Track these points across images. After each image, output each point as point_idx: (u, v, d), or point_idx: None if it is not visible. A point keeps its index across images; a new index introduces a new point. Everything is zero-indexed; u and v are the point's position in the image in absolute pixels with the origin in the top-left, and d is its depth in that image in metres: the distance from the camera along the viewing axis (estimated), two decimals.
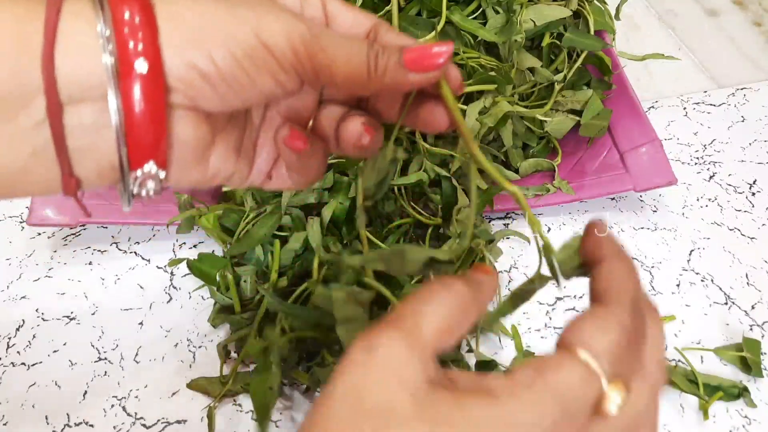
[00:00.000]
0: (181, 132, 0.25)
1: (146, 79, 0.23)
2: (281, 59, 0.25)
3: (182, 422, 0.46)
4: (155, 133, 0.24)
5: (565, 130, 0.57)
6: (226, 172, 0.28)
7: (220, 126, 0.27)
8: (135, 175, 0.24)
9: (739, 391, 0.48)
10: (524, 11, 0.53)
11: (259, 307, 0.47)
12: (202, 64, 0.24)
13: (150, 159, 0.24)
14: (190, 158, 0.26)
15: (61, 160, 0.23)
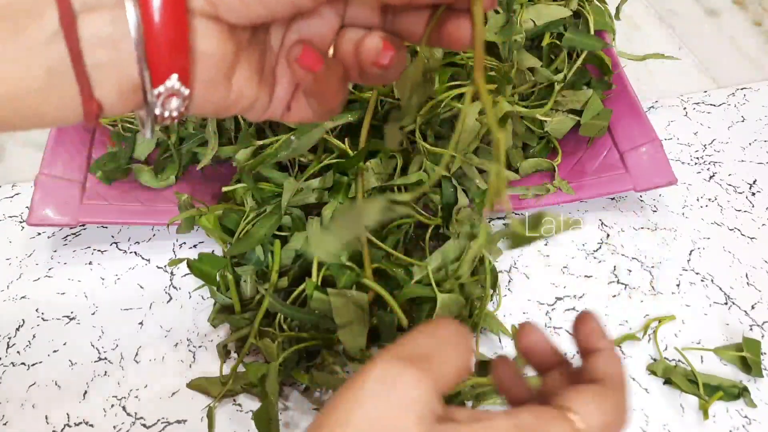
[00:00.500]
0: (204, 44, 0.24)
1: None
2: None
3: (182, 422, 0.46)
4: (177, 42, 0.22)
5: (565, 130, 0.57)
6: (249, 95, 0.27)
7: (244, 43, 0.26)
8: (158, 92, 0.23)
9: (739, 391, 0.48)
10: (524, 11, 0.53)
11: (259, 307, 0.47)
12: None
13: (173, 72, 0.23)
14: (214, 75, 0.25)
15: (79, 79, 0.22)
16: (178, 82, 0.23)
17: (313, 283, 0.46)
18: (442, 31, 0.28)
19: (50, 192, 0.52)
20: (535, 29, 0.53)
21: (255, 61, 0.27)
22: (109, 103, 0.23)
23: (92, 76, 0.22)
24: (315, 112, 0.29)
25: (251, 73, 0.26)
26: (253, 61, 0.27)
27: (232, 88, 0.26)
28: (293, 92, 0.29)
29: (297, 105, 0.29)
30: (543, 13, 0.53)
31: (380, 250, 0.49)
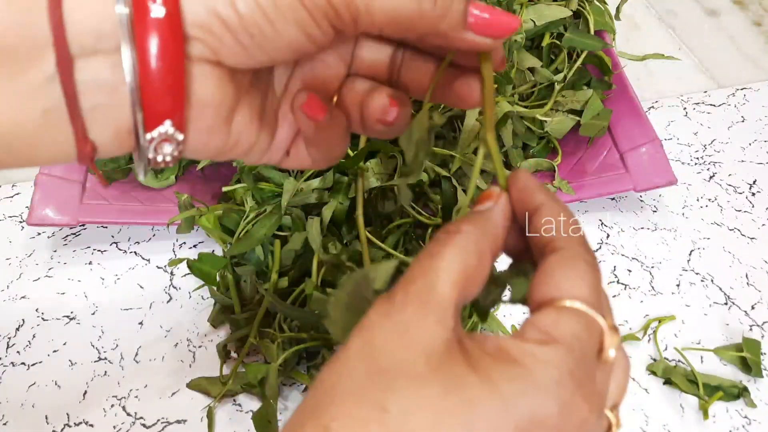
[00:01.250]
0: (201, 89, 0.23)
1: (163, 24, 0.21)
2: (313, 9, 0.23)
3: (182, 422, 0.46)
4: (172, 86, 0.22)
5: (565, 130, 0.57)
6: (248, 140, 0.26)
7: (245, 87, 0.25)
8: (151, 137, 0.23)
9: (739, 391, 0.48)
10: (524, 11, 0.53)
11: (259, 307, 0.47)
12: (222, 10, 0.22)
13: (167, 118, 0.22)
14: (212, 121, 0.24)
15: (74, 121, 0.22)
16: (172, 128, 0.23)
17: (313, 283, 0.46)
18: (449, 89, 0.27)
19: (50, 192, 0.52)
20: (535, 29, 0.53)
21: (256, 104, 0.26)
22: (104, 144, 0.23)
23: (87, 118, 0.22)
24: (314, 160, 0.29)
25: (251, 118, 0.26)
26: (255, 104, 0.26)
27: (230, 133, 0.25)
28: (293, 137, 0.29)
29: (296, 151, 0.29)
30: (543, 13, 0.53)
31: (380, 250, 0.49)
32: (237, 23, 0.22)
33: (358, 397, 0.19)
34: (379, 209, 0.51)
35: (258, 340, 0.46)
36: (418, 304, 0.20)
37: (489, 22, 0.24)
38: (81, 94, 0.22)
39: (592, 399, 0.20)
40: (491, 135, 0.26)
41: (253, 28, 0.22)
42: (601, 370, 0.21)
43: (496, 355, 0.20)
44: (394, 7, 0.23)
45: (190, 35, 0.22)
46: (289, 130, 0.28)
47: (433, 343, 0.20)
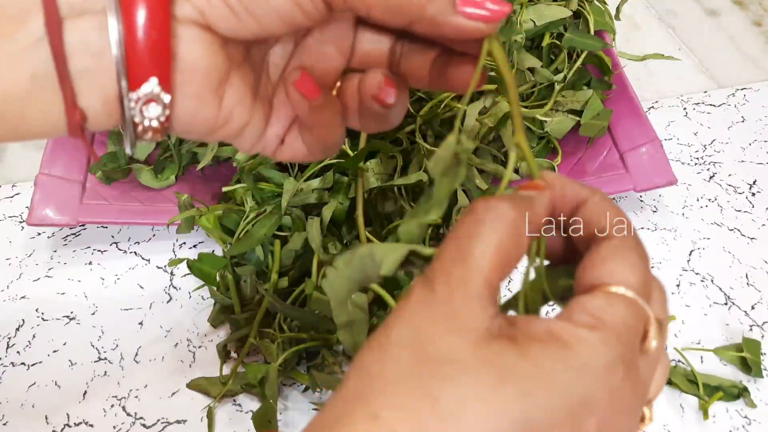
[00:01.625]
0: (189, 52, 0.23)
1: None
2: None
3: (182, 422, 0.46)
4: (158, 45, 0.21)
5: (565, 130, 0.57)
6: (240, 117, 0.25)
7: (237, 60, 0.25)
8: (137, 96, 0.22)
9: (739, 391, 0.48)
10: (524, 11, 0.53)
11: (259, 307, 0.47)
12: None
13: (152, 74, 0.22)
14: (200, 87, 0.23)
15: (63, 85, 0.22)
16: (158, 87, 0.22)
17: (313, 283, 0.46)
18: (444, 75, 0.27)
19: (50, 192, 0.52)
20: (535, 29, 0.53)
21: (249, 80, 0.26)
22: (93, 112, 0.23)
23: (76, 83, 0.22)
24: (309, 149, 0.28)
25: (244, 94, 0.25)
26: (248, 80, 0.26)
27: (221, 106, 0.25)
28: (289, 126, 0.28)
29: (291, 139, 0.28)
30: (543, 13, 0.53)
31: None
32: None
33: (408, 385, 0.18)
34: (379, 209, 0.51)
35: (258, 340, 0.46)
36: (462, 291, 0.20)
37: (478, 4, 0.23)
38: (69, 57, 0.22)
39: (636, 387, 0.20)
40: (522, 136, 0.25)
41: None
42: (644, 360, 0.21)
43: (546, 339, 0.19)
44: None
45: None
46: (285, 118, 0.28)
47: (480, 331, 0.19)
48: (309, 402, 0.47)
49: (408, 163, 0.52)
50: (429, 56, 0.27)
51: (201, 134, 0.25)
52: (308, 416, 0.47)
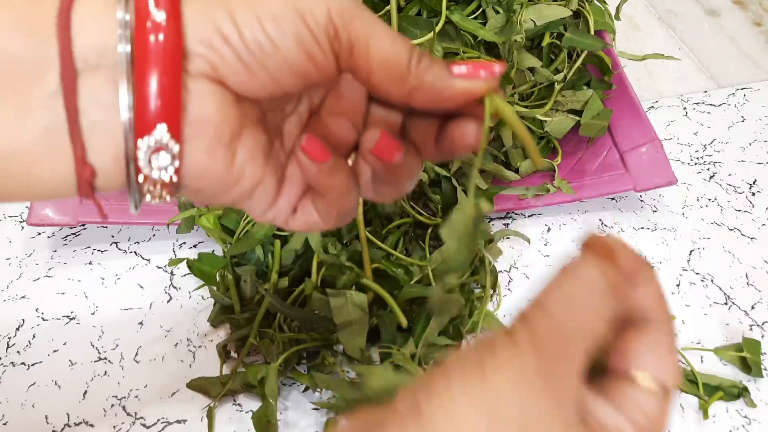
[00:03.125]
0: (200, 106, 0.22)
1: (162, 29, 0.21)
2: (313, 25, 0.22)
3: (182, 422, 0.46)
4: (167, 92, 0.21)
5: (565, 130, 0.57)
6: (252, 177, 0.25)
7: (251, 119, 0.25)
8: (146, 145, 0.22)
9: (739, 391, 0.48)
10: (524, 11, 0.53)
11: (259, 307, 0.47)
12: (224, 26, 0.22)
13: (161, 121, 0.22)
14: (212, 141, 0.23)
15: (74, 140, 0.21)
16: (167, 134, 0.22)
17: (313, 283, 0.46)
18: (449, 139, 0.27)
19: None
20: (535, 29, 0.53)
21: (262, 143, 0.25)
22: (103, 169, 0.23)
23: (87, 138, 0.22)
24: (323, 217, 0.28)
25: (256, 153, 0.25)
26: (260, 142, 0.25)
27: (233, 162, 0.24)
28: (302, 195, 0.28)
29: (304, 208, 0.28)
30: (543, 13, 0.53)
31: (380, 250, 0.49)
32: (237, 38, 0.22)
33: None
34: (379, 209, 0.51)
35: (258, 340, 0.46)
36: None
37: (470, 66, 0.24)
38: (82, 110, 0.21)
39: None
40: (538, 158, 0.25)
41: (253, 44, 0.22)
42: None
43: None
44: (388, 51, 0.23)
45: (190, 50, 0.22)
46: (297, 187, 0.28)
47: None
48: (309, 402, 0.47)
49: None
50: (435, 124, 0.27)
51: (213, 192, 0.25)
52: (308, 416, 0.47)
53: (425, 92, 0.24)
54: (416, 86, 0.24)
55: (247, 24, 0.22)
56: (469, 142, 0.27)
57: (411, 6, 0.51)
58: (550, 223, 0.58)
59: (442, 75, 0.24)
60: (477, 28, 0.51)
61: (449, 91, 0.24)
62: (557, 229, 0.58)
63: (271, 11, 0.22)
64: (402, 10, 0.51)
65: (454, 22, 0.51)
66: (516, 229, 0.56)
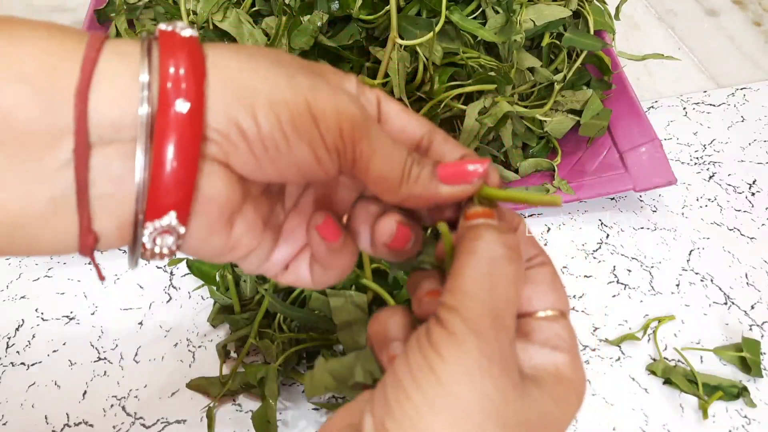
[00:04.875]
0: (210, 185, 0.23)
1: (184, 119, 0.21)
2: (325, 134, 0.23)
3: (182, 422, 0.46)
4: (183, 177, 0.22)
5: (565, 130, 0.57)
6: (248, 246, 0.26)
7: (253, 194, 0.26)
8: (153, 227, 0.22)
9: (739, 391, 0.48)
10: (524, 11, 0.53)
11: (259, 307, 0.47)
12: (243, 121, 0.22)
13: (172, 209, 0.22)
14: (215, 218, 0.24)
15: (81, 210, 0.22)
16: (176, 219, 0.23)
17: None
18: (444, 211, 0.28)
19: None
20: (535, 29, 0.53)
21: (262, 212, 0.26)
22: (106, 236, 0.23)
23: (94, 207, 0.22)
24: (315, 279, 0.29)
25: (255, 223, 0.26)
26: (261, 211, 0.26)
27: (232, 233, 0.25)
28: (296, 254, 0.29)
29: (296, 267, 0.29)
30: (543, 13, 0.53)
31: None
32: (255, 135, 0.23)
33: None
34: None
35: (258, 340, 0.46)
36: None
37: (456, 174, 0.26)
38: (92, 182, 0.22)
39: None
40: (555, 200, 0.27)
41: (268, 141, 0.23)
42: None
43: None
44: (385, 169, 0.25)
45: (208, 137, 0.22)
46: (293, 245, 0.28)
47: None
48: (309, 402, 0.47)
49: None
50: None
51: (208, 258, 0.26)
52: (308, 416, 0.47)
53: (415, 201, 0.26)
54: (406, 197, 0.26)
55: (267, 125, 0.23)
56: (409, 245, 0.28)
57: (411, 6, 0.51)
58: (550, 223, 0.58)
59: (430, 186, 0.26)
60: (477, 28, 0.51)
61: (437, 198, 0.26)
62: (557, 229, 0.58)
63: (289, 112, 0.23)
64: (402, 10, 0.50)
65: (453, 22, 0.51)
66: None
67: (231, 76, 0.23)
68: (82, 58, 0.21)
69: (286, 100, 0.23)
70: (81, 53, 0.21)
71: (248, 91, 0.23)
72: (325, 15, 0.51)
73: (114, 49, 0.22)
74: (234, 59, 0.23)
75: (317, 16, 0.51)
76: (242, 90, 0.22)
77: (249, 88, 0.23)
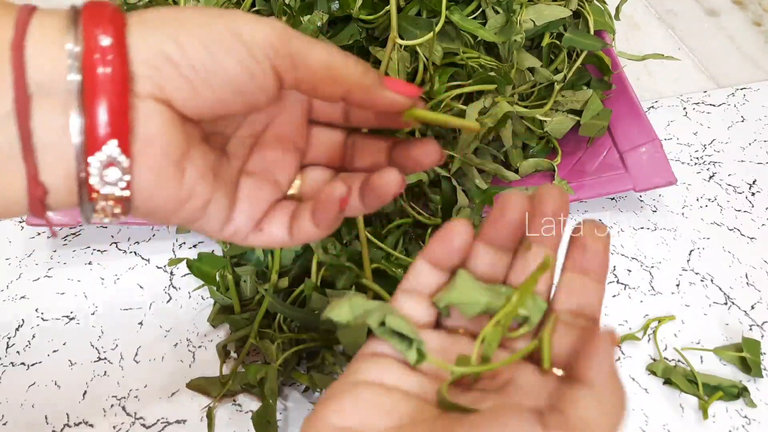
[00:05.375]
0: (148, 125, 0.24)
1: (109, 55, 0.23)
2: (252, 46, 0.25)
3: (182, 422, 0.46)
4: (117, 110, 0.23)
5: (565, 130, 0.57)
6: (203, 193, 0.27)
7: (197, 139, 0.27)
8: (97, 160, 0.23)
9: (739, 391, 0.48)
10: (524, 11, 0.53)
11: (259, 308, 0.47)
12: (169, 49, 0.24)
13: (112, 138, 0.23)
14: (160, 160, 0.25)
15: (26, 159, 0.23)
16: (117, 149, 0.23)
17: (312, 283, 0.46)
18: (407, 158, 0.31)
19: None
20: (535, 29, 0.53)
21: (210, 161, 0.27)
22: (55, 188, 0.23)
23: (39, 158, 0.23)
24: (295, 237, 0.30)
25: (205, 172, 0.27)
26: (208, 161, 0.27)
27: (183, 180, 0.26)
28: (266, 212, 0.30)
29: (268, 227, 0.30)
30: (543, 13, 0.53)
31: (380, 250, 0.49)
32: (181, 58, 0.24)
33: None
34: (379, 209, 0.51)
35: (258, 340, 0.46)
36: None
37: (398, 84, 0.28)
38: (34, 132, 0.22)
39: None
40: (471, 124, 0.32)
41: (196, 62, 0.24)
42: None
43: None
44: (327, 57, 0.26)
45: (136, 73, 0.23)
46: (259, 205, 0.30)
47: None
48: (309, 402, 0.47)
49: None
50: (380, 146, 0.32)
51: (165, 212, 0.26)
52: None
53: (362, 93, 0.28)
54: (355, 85, 0.27)
55: (191, 47, 0.24)
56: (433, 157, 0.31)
57: (411, 6, 0.51)
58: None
59: (376, 82, 0.28)
60: (477, 28, 0.51)
61: (380, 99, 0.28)
62: None
63: (214, 36, 0.24)
64: (402, 10, 0.50)
65: (453, 22, 0.51)
66: None
67: (151, 17, 0.24)
68: (15, 17, 0.23)
69: (206, 24, 0.24)
70: (14, 15, 0.23)
71: (169, 24, 0.24)
72: (325, 15, 0.51)
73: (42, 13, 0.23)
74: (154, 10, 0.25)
75: (317, 16, 0.51)
76: (163, 25, 0.24)
77: (169, 20, 0.24)
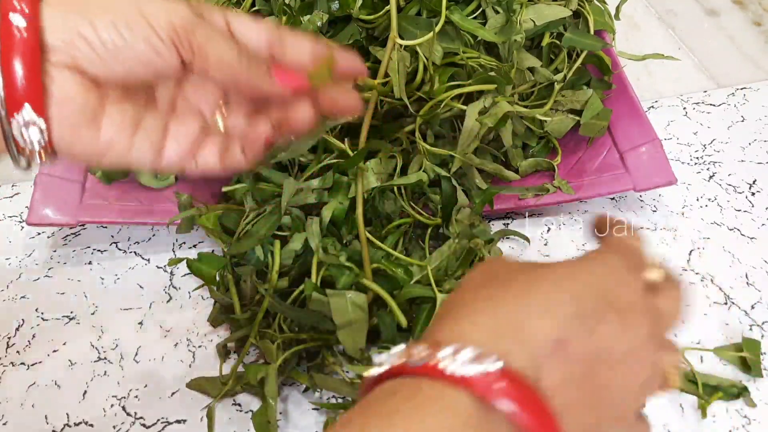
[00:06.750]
0: (60, 88, 0.27)
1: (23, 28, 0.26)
2: (158, 29, 0.28)
3: (182, 422, 0.46)
4: (29, 72, 0.26)
5: (565, 130, 0.57)
6: (121, 145, 0.30)
7: (113, 98, 0.30)
8: (17, 122, 0.27)
9: (739, 391, 0.48)
10: (524, 11, 0.53)
11: (259, 307, 0.47)
12: (84, 30, 0.27)
13: (27, 101, 0.26)
14: (75, 119, 0.28)
15: None
16: (32, 112, 0.27)
17: (312, 283, 0.46)
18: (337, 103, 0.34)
19: (50, 192, 0.52)
20: (535, 29, 0.53)
21: (130, 114, 0.30)
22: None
23: None
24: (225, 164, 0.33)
25: (124, 126, 0.30)
26: (128, 114, 0.30)
27: (100, 134, 0.29)
28: (197, 144, 0.33)
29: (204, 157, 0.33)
30: (543, 13, 0.53)
31: (380, 250, 0.49)
32: (95, 37, 0.27)
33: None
34: (379, 209, 0.51)
35: (258, 340, 0.46)
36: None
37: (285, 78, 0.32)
38: None
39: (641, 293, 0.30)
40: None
41: (108, 42, 0.27)
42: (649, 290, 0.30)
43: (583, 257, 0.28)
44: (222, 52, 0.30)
45: (52, 45, 0.27)
46: (184, 140, 0.32)
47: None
48: (309, 402, 0.47)
49: (408, 163, 0.52)
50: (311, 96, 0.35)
51: (88, 159, 0.30)
52: (308, 416, 0.47)
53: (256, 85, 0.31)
54: (247, 78, 0.30)
55: (104, 28, 0.27)
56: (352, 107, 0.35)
57: (411, 6, 0.51)
58: (549, 223, 0.58)
59: (263, 74, 0.31)
60: (477, 28, 0.51)
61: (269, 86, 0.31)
62: (557, 229, 0.58)
63: (124, 19, 0.28)
64: (402, 10, 0.50)
65: (453, 22, 0.51)
66: (516, 229, 0.56)
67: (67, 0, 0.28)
68: None
69: (117, 8, 0.28)
70: None
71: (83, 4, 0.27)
72: (325, 15, 0.51)
73: None
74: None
75: (317, 16, 0.51)
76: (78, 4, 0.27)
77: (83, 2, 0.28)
